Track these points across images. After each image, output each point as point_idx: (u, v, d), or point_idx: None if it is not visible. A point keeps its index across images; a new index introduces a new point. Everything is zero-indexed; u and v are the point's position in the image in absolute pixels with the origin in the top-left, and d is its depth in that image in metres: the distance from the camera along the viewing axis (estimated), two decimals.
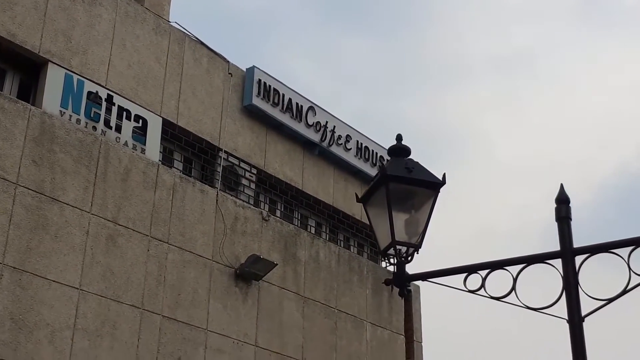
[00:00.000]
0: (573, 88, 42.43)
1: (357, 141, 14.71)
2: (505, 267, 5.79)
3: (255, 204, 13.07)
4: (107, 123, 11.15)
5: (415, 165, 6.09)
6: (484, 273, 5.82)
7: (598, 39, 43.53)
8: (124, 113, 11.37)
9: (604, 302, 5.42)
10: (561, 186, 5.83)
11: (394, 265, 6.03)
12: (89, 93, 11.01)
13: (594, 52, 42.59)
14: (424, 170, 6.10)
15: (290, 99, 13.67)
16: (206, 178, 12.57)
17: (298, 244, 13.02)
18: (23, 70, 10.77)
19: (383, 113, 41.02)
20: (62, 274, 9.91)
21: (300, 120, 13.77)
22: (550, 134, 41.02)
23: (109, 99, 11.23)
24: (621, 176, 41.45)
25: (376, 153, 14.86)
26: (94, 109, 11.03)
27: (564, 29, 43.03)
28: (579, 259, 5.60)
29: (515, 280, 5.71)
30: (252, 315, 11.96)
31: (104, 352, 10.08)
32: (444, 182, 6.04)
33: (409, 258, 5.94)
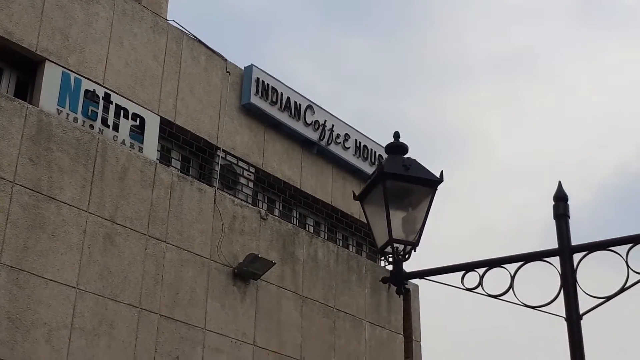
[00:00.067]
0: (573, 88, 42.42)
1: (356, 140, 14.67)
2: (503, 265, 5.76)
3: (253, 203, 13.03)
4: (105, 121, 11.11)
5: (412, 162, 6.05)
6: (482, 271, 5.80)
7: (598, 39, 43.52)
8: (122, 111, 11.33)
9: (602, 300, 5.39)
10: (559, 184, 5.80)
11: (391, 263, 6.00)
12: (86, 91, 10.97)
13: (594, 52, 42.59)
14: (422, 167, 6.06)
15: (288, 98, 13.62)
16: (204, 177, 12.53)
17: (296, 243, 12.98)
18: (20, 68, 10.74)
19: (383, 113, 40.99)
20: (59, 273, 9.87)
21: (298, 119, 13.73)
22: (550, 134, 41.02)
23: (107, 98, 11.19)
24: (621, 176, 41.44)
25: (375, 152, 14.82)
26: (92, 108, 10.99)
27: (564, 29, 43.03)
28: (577, 257, 5.58)
29: (513, 278, 5.68)
30: (251, 314, 11.92)
31: (101, 352, 10.04)
32: (442, 180, 6.01)
33: (407, 256, 5.91)
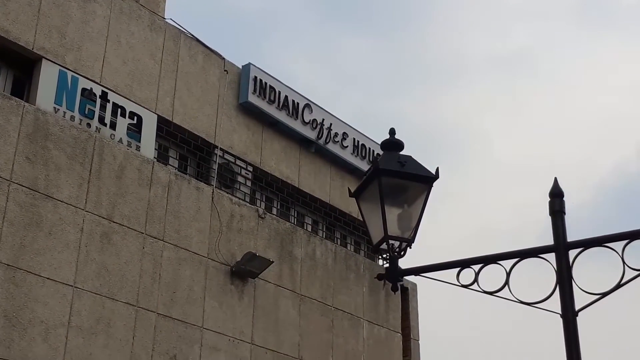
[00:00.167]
0: (573, 88, 42.40)
1: (354, 139, 14.64)
2: (498, 262, 5.74)
3: (251, 202, 13.01)
4: (102, 120, 11.09)
5: (408, 159, 6.01)
6: (477, 268, 5.78)
7: (598, 39, 43.50)
8: (119, 110, 11.30)
9: (598, 297, 5.37)
10: (555, 180, 5.78)
11: (386, 260, 5.98)
12: (83, 90, 10.95)
13: (594, 52, 42.56)
14: (417, 164, 6.03)
15: (286, 96, 13.59)
16: (202, 175, 12.51)
17: (294, 242, 12.96)
18: (17, 66, 10.72)
19: (382, 112, 40.97)
20: (56, 272, 9.86)
21: (296, 117, 13.70)
22: (549, 134, 41.01)
23: (104, 96, 11.17)
24: (620, 176, 41.42)
25: (373, 151, 14.78)
26: (89, 106, 10.97)
27: (564, 29, 43.01)
28: (573, 254, 5.55)
29: (508, 274, 5.65)
30: (248, 313, 11.90)
31: (99, 350, 10.02)
32: (437, 176, 5.98)
33: (402, 253, 5.89)
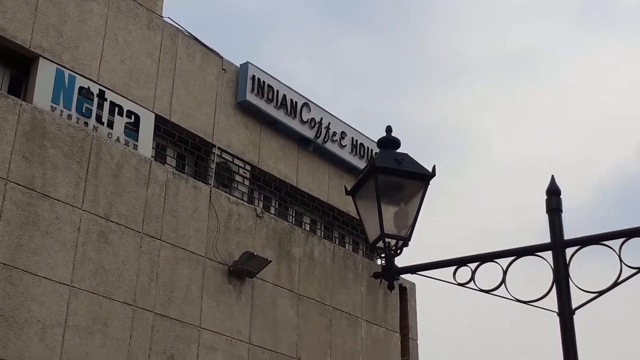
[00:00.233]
0: (572, 87, 42.36)
1: (352, 138, 14.61)
2: (495, 260, 5.70)
3: (249, 201, 12.98)
4: (99, 119, 11.06)
5: (404, 157, 5.96)
6: (474, 266, 5.74)
7: (598, 39, 43.45)
8: (116, 109, 11.27)
9: (595, 295, 5.33)
10: (552, 177, 5.74)
11: (382, 258, 5.95)
12: (81, 88, 10.91)
13: (594, 52, 42.52)
14: (414, 162, 5.98)
15: (284, 95, 13.56)
16: (199, 174, 12.48)
17: (292, 241, 12.93)
18: (14, 65, 10.69)
19: (382, 112, 40.92)
20: (53, 271, 9.83)
21: (294, 116, 13.67)
22: (549, 134, 40.96)
23: (101, 95, 11.14)
24: (620, 176, 41.38)
25: (371, 150, 14.74)
26: (86, 105, 10.94)
27: (564, 29, 42.96)
28: (570, 252, 5.51)
29: (505, 272, 5.61)
30: (246, 312, 11.87)
31: (96, 350, 9.99)
32: (434, 174, 5.93)
33: (398, 251, 5.85)
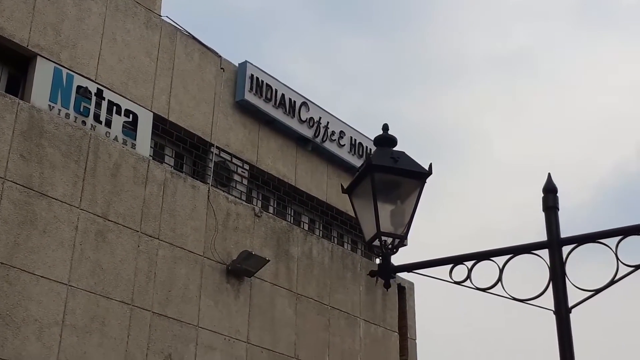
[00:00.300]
0: (572, 87, 42.34)
1: (351, 137, 14.59)
2: (491, 258, 5.68)
3: (247, 200, 12.96)
4: (97, 118, 11.04)
5: (401, 155, 5.95)
6: (470, 264, 5.72)
7: (598, 39, 43.43)
8: (114, 108, 11.26)
9: (592, 293, 5.31)
10: (548, 175, 5.72)
11: (379, 256, 5.93)
12: (79, 87, 10.90)
13: (594, 52, 42.50)
14: (410, 160, 5.96)
15: (283, 95, 13.54)
16: (198, 174, 12.46)
17: (291, 240, 12.91)
18: (11, 64, 10.67)
19: (382, 112, 40.92)
20: (51, 270, 9.81)
21: (293, 115, 13.65)
22: (549, 134, 40.95)
23: (99, 94, 11.12)
24: (620, 176, 41.35)
25: (370, 149, 14.71)
26: (84, 104, 10.92)
27: (564, 29, 42.94)
28: (567, 250, 5.50)
29: (501, 271, 5.59)
30: (244, 311, 11.85)
31: (93, 349, 9.97)
32: (430, 172, 5.91)
33: (395, 249, 5.84)
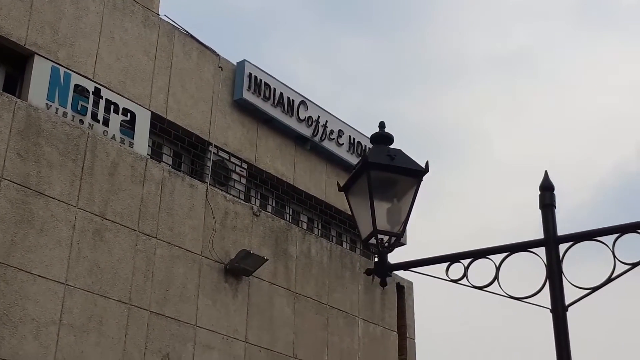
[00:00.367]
0: (573, 88, 42.31)
1: (350, 136, 14.56)
2: (488, 256, 5.65)
3: (246, 199, 12.93)
4: (95, 116, 11.02)
5: (397, 152, 5.92)
6: (467, 262, 5.69)
7: (598, 39, 43.40)
8: (112, 106, 11.23)
9: (588, 291, 5.29)
10: (545, 173, 5.69)
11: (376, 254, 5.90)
12: (76, 86, 10.87)
13: (594, 52, 42.48)
14: (407, 157, 5.92)
15: (281, 93, 13.51)
16: (196, 172, 12.43)
17: (289, 240, 12.88)
18: (9, 62, 10.64)
19: (382, 112, 40.90)
20: (48, 269, 9.78)
21: (291, 114, 13.62)
22: (549, 134, 40.92)
23: (97, 92, 11.09)
24: (620, 176, 41.32)
25: (369, 148, 14.65)
26: (81, 102, 10.89)
27: (564, 29, 42.92)
28: (563, 248, 5.47)
29: (497, 269, 5.56)
30: (242, 311, 11.82)
31: (90, 348, 9.95)
32: (427, 170, 5.88)
33: (391, 247, 5.81)
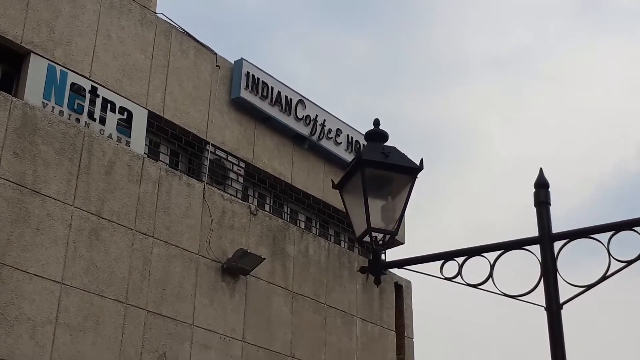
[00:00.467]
0: (573, 87, 42.28)
1: (348, 135, 14.53)
2: (483, 254, 5.62)
3: (243, 198, 12.89)
4: (91, 115, 10.98)
5: (392, 150, 5.89)
6: (461, 260, 5.66)
7: (598, 38, 43.37)
8: (109, 105, 11.19)
9: (583, 289, 5.26)
10: (540, 170, 5.67)
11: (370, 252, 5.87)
12: (73, 84, 10.84)
13: (594, 52, 42.42)
14: (402, 155, 5.90)
15: (279, 92, 13.48)
16: (193, 171, 12.40)
17: (287, 239, 12.85)
18: (5, 60, 10.61)
19: (382, 112, 40.86)
20: (44, 268, 9.75)
21: (289, 113, 13.59)
22: (549, 133, 40.87)
23: (93, 91, 11.06)
24: (620, 175, 41.27)
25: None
26: (78, 101, 10.86)
27: (564, 29, 42.88)
28: (558, 245, 5.44)
29: (492, 267, 5.53)
30: (240, 310, 11.79)
31: (87, 348, 9.92)
32: (422, 168, 5.85)
33: (385, 245, 5.78)
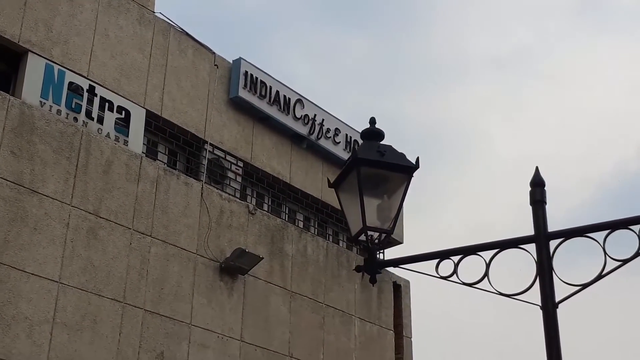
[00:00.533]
0: (573, 87, 42.26)
1: (346, 134, 14.52)
2: (478, 253, 5.62)
3: (242, 198, 12.89)
4: (89, 114, 10.97)
5: (388, 148, 5.90)
6: (457, 259, 5.66)
7: (598, 38, 43.36)
8: (106, 104, 11.18)
9: (579, 288, 5.25)
10: (536, 169, 5.67)
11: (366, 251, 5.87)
12: (70, 83, 10.83)
13: (594, 52, 42.41)
14: (398, 153, 5.90)
15: (277, 92, 13.47)
16: (191, 171, 12.39)
17: (285, 238, 12.84)
18: (2, 60, 10.59)
19: (382, 112, 40.80)
20: (41, 267, 9.74)
21: (288, 113, 13.58)
22: (549, 133, 40.86)
23: (91, 90, 11.04)
24: (620, 175, 41.26)
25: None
26: (75, 100, 10.85)
27: (565, 28, 42.87)
28: (554, 244, 5.43)
29: (488, 266, 5.53)
30: (238, 309, 11.78)
31: (84, 347, 9.90)
32: (417, 166, 5.85)
33: (381, 244, 5.77)
